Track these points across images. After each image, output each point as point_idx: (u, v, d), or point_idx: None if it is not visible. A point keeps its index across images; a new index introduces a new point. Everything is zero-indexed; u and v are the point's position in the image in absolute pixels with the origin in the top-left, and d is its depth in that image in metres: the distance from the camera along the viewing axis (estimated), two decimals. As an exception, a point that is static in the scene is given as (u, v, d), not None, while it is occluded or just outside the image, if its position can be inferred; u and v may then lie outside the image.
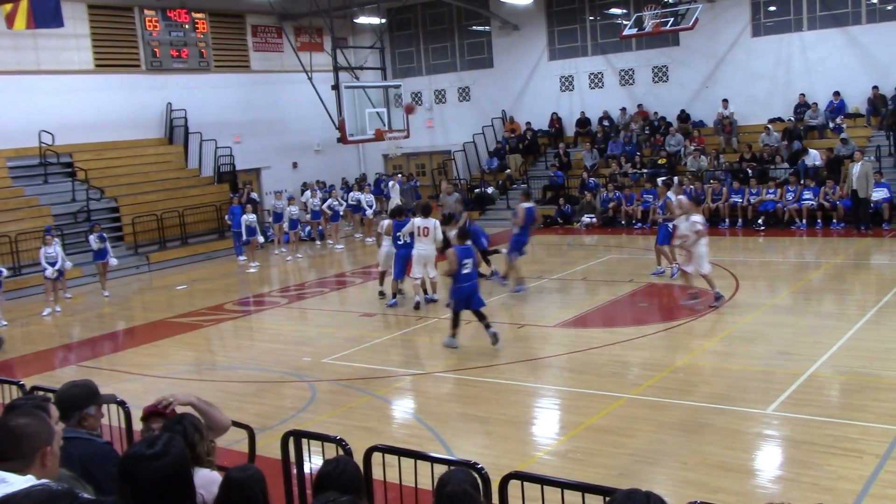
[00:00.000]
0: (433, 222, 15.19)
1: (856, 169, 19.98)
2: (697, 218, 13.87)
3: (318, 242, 25.44)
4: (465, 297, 11.92)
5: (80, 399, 4.41)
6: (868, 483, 6.89)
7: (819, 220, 21.18)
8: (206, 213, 24.88)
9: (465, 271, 11.85)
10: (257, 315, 16.47)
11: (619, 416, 8.95)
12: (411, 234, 15.10)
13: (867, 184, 19.90)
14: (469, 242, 12.50)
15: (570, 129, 28.67)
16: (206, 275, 21.31)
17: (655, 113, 26.84)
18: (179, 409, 4.73)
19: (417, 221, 15.09)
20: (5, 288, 17.23)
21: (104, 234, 19.17)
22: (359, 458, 5.46)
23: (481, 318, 12.02)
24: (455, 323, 12.03)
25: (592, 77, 28.30)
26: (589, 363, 11.11)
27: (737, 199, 22.61)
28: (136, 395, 9.80)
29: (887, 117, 22.53)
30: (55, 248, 17.64)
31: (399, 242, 15.19)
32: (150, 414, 4.83)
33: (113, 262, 19.29)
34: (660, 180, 18.82)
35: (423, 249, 14.97)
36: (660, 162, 25.20)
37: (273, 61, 29.38)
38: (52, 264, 17.38)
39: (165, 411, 4.85)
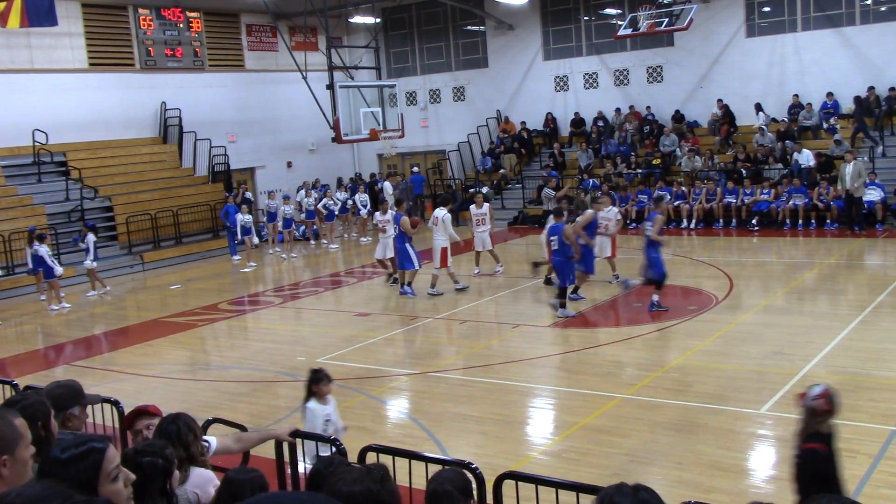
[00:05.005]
0: (441, 214, 16.13)
1: (848, 169, 20.06)
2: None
3: (312, 242, 25.42)
4: None
5: (64, 399, 4.33)
6: (862, 482, 6.91)
7: (813, 221, 21.23)
8: (201, 212, 24.84)
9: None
10: (252, 314, 16.44)
11: (614, 416, 8.96)
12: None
13: (861, 182, 20.01)
14: None
15: (565, 129, 28.68)
16: (200, 274, 21.27)
17: (650, 113, 26.83)
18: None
19: (435, 212, 16.34)
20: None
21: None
22: (353, 458, 5.46)
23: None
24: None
25: (587, 77, 28.32)
26: (583, 363, 11.13)
27: (731, 199, 22.64)
28: (129, 394, 9.78)
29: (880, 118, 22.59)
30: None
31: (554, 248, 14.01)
32: (139, 413, 4.78)
33: (87, 264, 19.05)
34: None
35: (434, 239, 16.00)
36: (654, 162, 25.24)
37: (268, 60, 29.34)
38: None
39: (154, 409, 4.83)
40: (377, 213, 17.83)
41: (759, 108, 24.57)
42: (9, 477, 2.83)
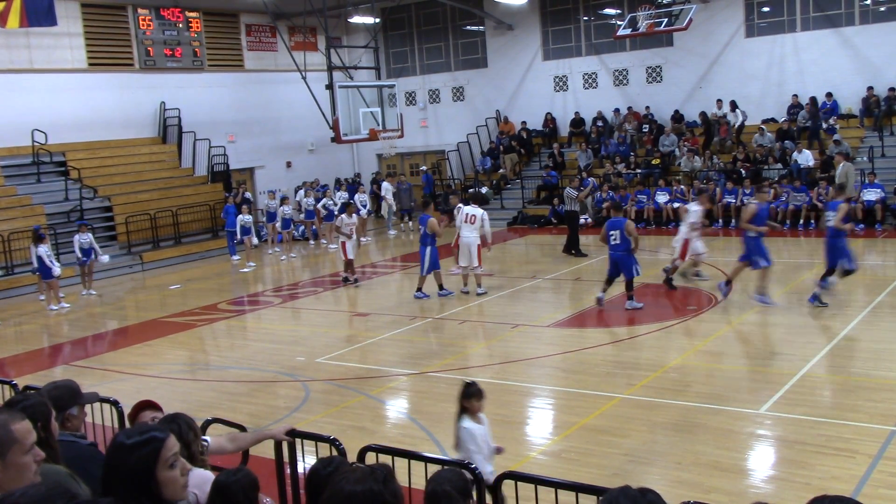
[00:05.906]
0: (481, 212, 15.85)
1: (840, 170, 20.11)
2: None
3: (311, 242, 25.42)
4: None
5: (63, 400, 4.31)
6: (861, 483, 6.91)
7: (813, 221, 21.23)
8: (200, 212, 24.84)
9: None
10: (251, 315, 16.44)
11: (613, 416, 8.96)
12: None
13: (848, 184, 20.07)
14: None
15: (565, 130, 28.69)
16: (199, 274, 21.27)
17: (649, 113, 26.84)
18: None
19: (466, 209, 15.91)
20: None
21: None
22: (352, 458, 5.46)
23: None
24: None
25: (586, 77, 28.33)
26: (583, 363, 11.12)
27: (730, 199, 22.64)
28: (128, 394, 9.76)
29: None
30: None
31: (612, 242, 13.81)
32: (145, 406, 4.84)
33: (104, 259, 19.33)
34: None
35: (466, 237, 15.63)
36: (654, 162, 25.24)
37: (267, 60, 29.34)
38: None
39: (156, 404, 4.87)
40: (343, 216, 17.72)
41: (734, 105, 24.60)
42: (1, 480, 2.84)
